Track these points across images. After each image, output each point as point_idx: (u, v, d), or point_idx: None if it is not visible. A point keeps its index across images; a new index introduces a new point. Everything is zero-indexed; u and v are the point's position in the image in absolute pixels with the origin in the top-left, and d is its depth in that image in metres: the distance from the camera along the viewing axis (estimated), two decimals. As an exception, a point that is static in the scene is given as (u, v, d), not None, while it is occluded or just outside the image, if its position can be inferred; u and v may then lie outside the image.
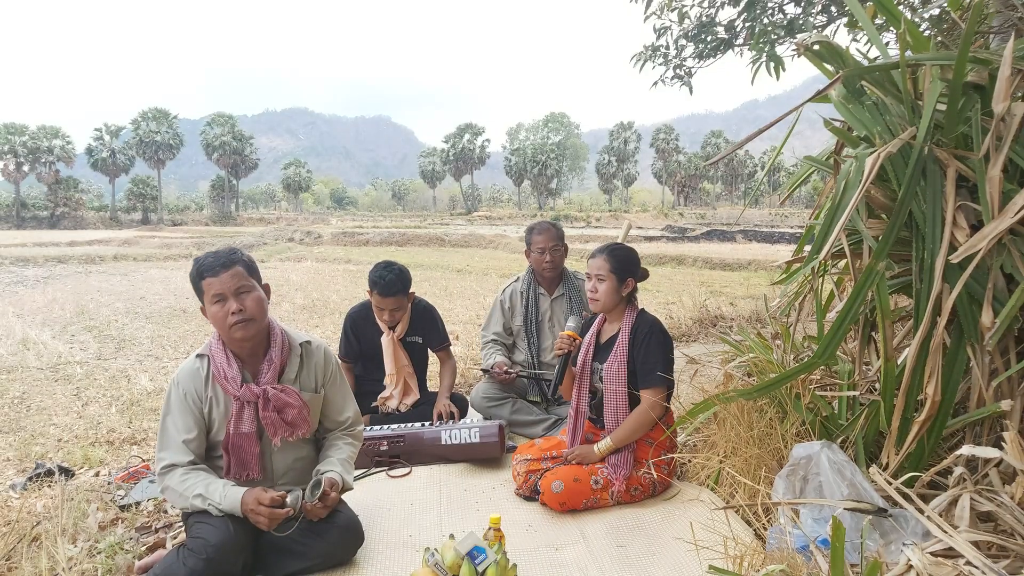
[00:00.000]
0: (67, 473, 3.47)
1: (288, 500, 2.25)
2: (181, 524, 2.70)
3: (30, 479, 3.38)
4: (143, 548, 2.63)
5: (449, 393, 3.84)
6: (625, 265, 2.96)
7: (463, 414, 3.85)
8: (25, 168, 60.05)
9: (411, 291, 3.80)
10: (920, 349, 2.12)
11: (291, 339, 2.50)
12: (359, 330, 3.89)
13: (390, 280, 3.64)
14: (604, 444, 2.90)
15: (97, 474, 3.54)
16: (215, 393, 2.37)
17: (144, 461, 3.65)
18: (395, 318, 3.74)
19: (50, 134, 60.82)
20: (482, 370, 4.01)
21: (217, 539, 2.15)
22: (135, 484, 3.28)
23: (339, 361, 3.08)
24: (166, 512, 2.99)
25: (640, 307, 3.05)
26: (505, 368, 3.85)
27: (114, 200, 67.51)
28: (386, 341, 3.80)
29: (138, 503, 3.06)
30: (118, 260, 20.49)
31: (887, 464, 2.25)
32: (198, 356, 2.41)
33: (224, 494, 2.23)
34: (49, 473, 3.41)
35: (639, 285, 3.05)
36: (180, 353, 6.86)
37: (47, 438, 4.19)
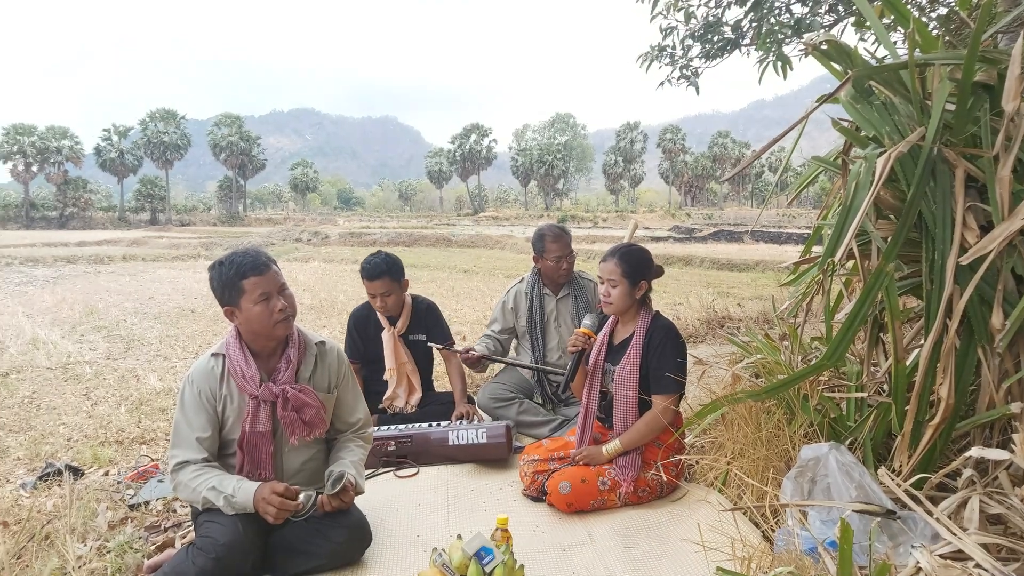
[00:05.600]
0: (76, 472, 3.49)
1: (300, 498, 2.27)
2: (190, 523, 2.71)
3: (40, 478, 3.40)
4: (152, 547, 2.64)
5: (465, 396, 3.84)
6: (637, 268, 2.95)
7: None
8: (34, 168, 60.44)
9: (404, 279, 3.82)
10: (932, 351, 2.12)
11: (307, 339, 2.52)
12: (362, 329, 3.92)
13: (375, 263, 3.72)
14: (613, 446, 2.90)
15: (106, 473, 3.56)
16: (229, 391, 2.38)
17: (153, 460, 3.67)
18: (387, 304, 3.76)
19: (59, 134, 61.17)
20: (439, 345, 3.91)
21: (226, 538, 2.16)
22: (144, 483, 3.30)
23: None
24: (175, 511, 3.01)
25: (655, 310, 3.04)
26: (466, 349, 3.82)
27: (122, 200, 67.77)
28: (386, 336, 3.83)
29: (147, 502, 3.08)
30: (127, 260, 20.61)
31: (900, 467, 2.24)
32: (213, 355, 2.41)
33: (238, 487, 2.25)
34: (59, 472, 3.42)
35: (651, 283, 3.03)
36: (189, 353, 6.88)
37: (57, 437, 4.21)
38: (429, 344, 3.91)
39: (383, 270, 3.71)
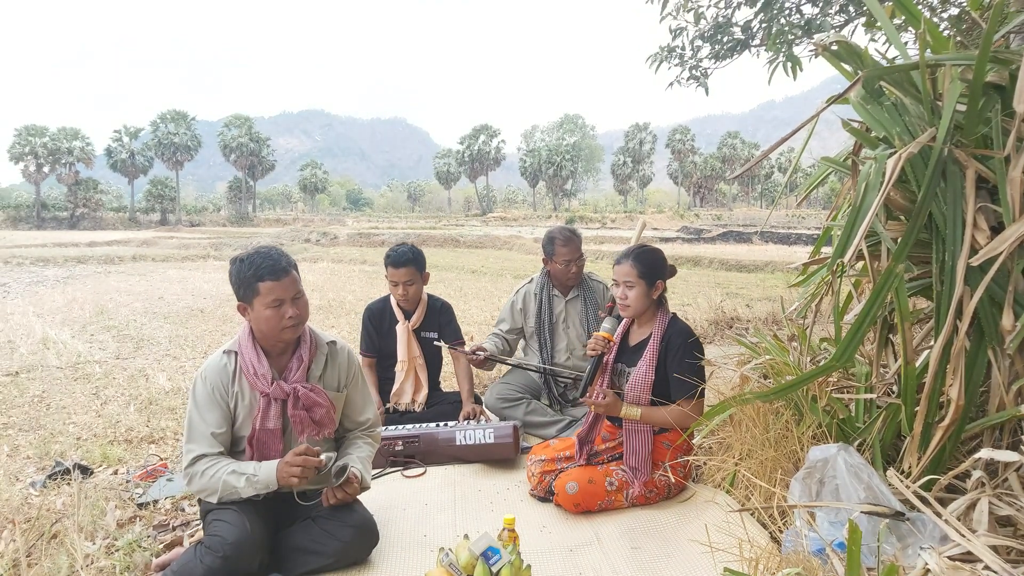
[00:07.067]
0: (85, 471, 3.51)
1: (323, 456, 2.30)
2: (199, 522, 2.72)
3: (49, 477, 3.42)
4: (160, 546, 2.65)
5: (472, 396, 3.85)
6: (653, 268, 2.93)
7: (478, 415, 3.86)
8: (45, 169, 60.79)
9: (426, 272, 3.88)
10: (942, 352, 2.10)
11: (318, 338, 2.54)
12: (377, 322, 3.96)
13: (402, 251, 3.81)
14: (633, 411, 2.86)
15: (115, 472, 3.57)
16: (241, 388, 2.40)
17: (162, 460, 3.69)
18: (408, 293, 3.81)
19: (70, 135, 61.49)
20: (440, 342, 3.92)
21: (235, 537, 2.17)
22: (153, 482, 3.31)
23: (361, 359, 3.12)
24: (184, 510, 3.02)
25: (672, 312, 3.02)
26: (474, 349, 3.78)
27: (133, 201, 68.03)
28: (400, 329, 3.87)
29: (156, 501, 3.10)
30: (137, 260, 20.71)
31: (909, 468, 2.23)
32: (225, 352, 2.44)
33: (258, 466, 2.29)
34: (68, 471, 3.44)
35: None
36: (198, 353, 6.91)
37: (66, 436, 4.23)
38: (437, 343, 3.92)
39: (409, 258, 3.79)
